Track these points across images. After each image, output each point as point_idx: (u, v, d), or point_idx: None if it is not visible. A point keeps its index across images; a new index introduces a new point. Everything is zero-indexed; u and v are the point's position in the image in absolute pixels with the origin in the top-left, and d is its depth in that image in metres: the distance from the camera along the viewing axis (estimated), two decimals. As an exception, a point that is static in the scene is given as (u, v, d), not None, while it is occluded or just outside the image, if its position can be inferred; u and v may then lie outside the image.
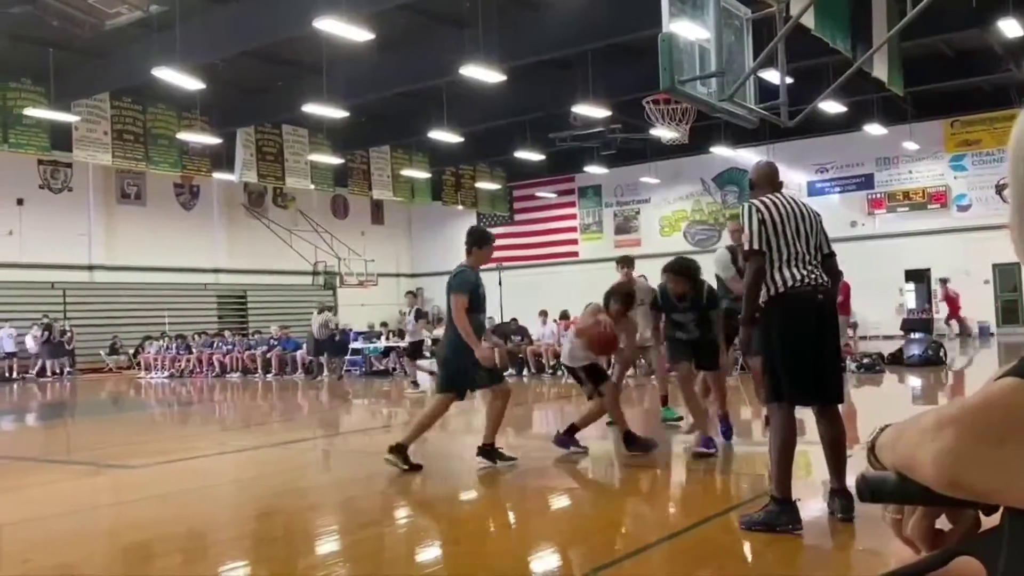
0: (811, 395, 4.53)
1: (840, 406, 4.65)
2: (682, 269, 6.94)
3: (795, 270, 4.49)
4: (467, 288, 6.43)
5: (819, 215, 4.82)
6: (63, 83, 16.86)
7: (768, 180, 4.88)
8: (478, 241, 6.71)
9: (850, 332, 17.62)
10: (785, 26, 7.82)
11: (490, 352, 6.38)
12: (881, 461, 0.85)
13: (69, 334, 22.46)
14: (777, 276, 4.48)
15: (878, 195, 24.99)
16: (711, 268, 7.55)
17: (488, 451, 6.56)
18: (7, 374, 21.34)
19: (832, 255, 4.76)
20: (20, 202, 22.88)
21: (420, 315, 15.91)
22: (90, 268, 24.04)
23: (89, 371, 22.66)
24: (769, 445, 4.54)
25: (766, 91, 9.55)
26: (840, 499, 4.55)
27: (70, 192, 23.98)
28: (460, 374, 6.43)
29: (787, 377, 4.45)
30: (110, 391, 18.49)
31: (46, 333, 21.91)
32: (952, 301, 22.60)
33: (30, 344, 21.93)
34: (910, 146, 23.76)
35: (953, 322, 22.71)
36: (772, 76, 10.60)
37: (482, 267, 6.81)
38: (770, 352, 4.54)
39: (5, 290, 21.86)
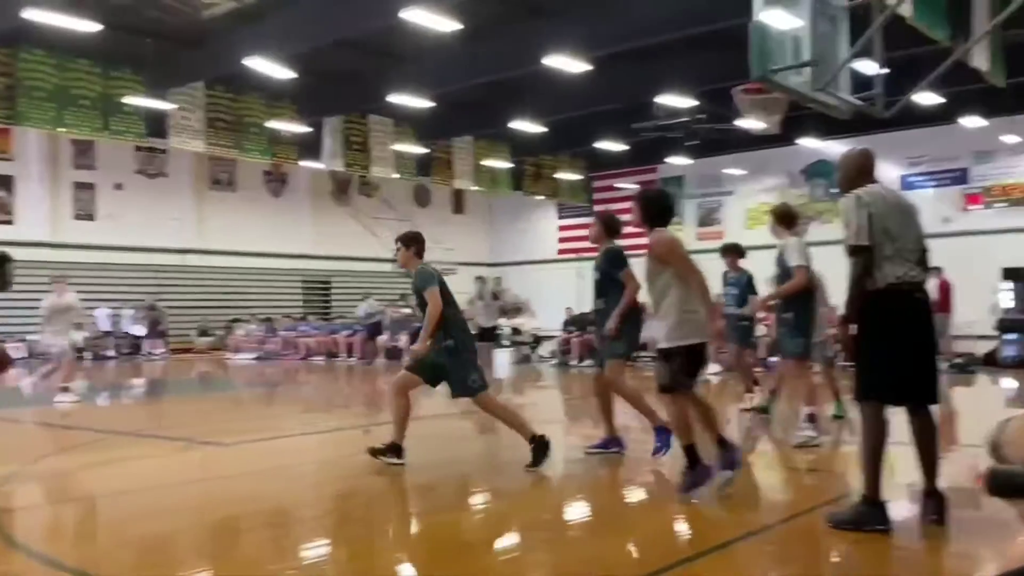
0: (905, 395, 4.40)
1: (934, 407, 4.51)
2: None
3: (897, 267, 4.32)
4: (434, 281, 6.42)
5: (917, 208, 4.63)
6: (160, 72, 17.42)
7: (866, 170, 4.64)
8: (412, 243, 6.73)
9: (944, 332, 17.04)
10: (883, 15, 7.59)
11: (424, 348, 6.35)
12: (1008, 457, 0.83)
13: (159, 315, 23.31)
14: (876, 273, 4.32)
15: (974, 190, 24.05)
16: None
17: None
18: (104, 353, 22.23)
19: (926, 250, 4.57)
20: (118, 187, 23.77)
21: (495, 297, 16.10)
22: (182, 252, 24.84)
23: (179, 351, 23.45)
24: (859, 444, 4.44)
25: (860, 82, 9.31)
26: (932, 501, 4.43)
27: (165, 178, 24.80)
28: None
29: (880, 376, 4.33)
30: (200, 371, 19.11)
31: (152, 313, 22.89)
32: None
33: (131, 325, 22.85)
34: (1010, 139, 22.77)
35: None
36: (865, 66, 10.30)
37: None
38: (864, 350, 4.41)
39: (102, 272, 22.73)
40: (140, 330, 22.81)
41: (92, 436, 8.49)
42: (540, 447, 6.20)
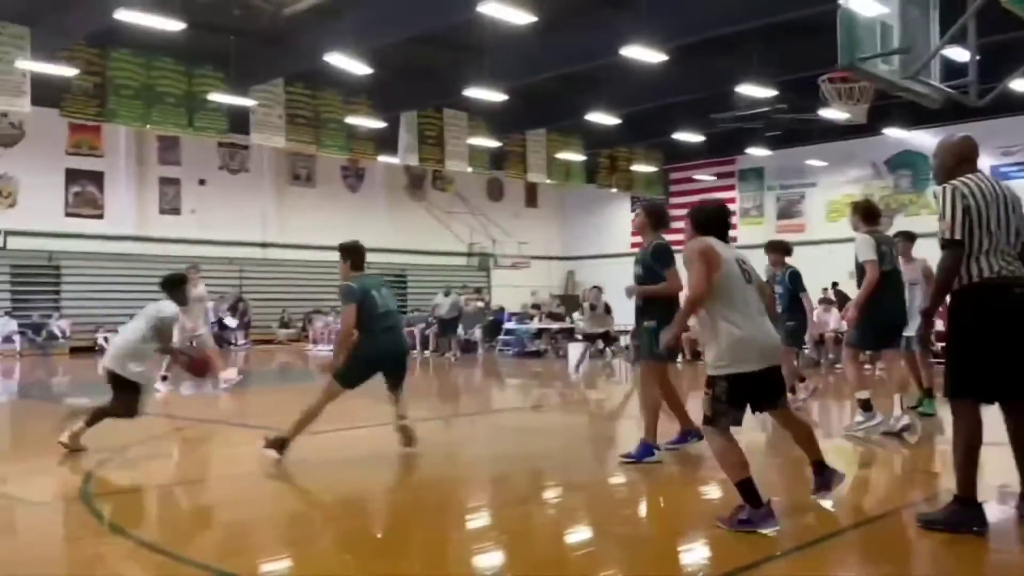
0: (999, 392, 4.20)
1: None
2: None
3: (993, 260, 4.12)
4: (353, 299, 6.41)
5: (1020, 199, 4.34)
6: (241, 69, 17.83)
7: (966, 159, 4.39)
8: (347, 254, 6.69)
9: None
10: (976, 0, 7.29)
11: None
12: None
13: (245, 307, 23.91)
14: (974, 266, 4.13)
15: (1070, 181, 23.06)
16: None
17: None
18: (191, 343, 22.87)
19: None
20: (202, 182, 24.44)
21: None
22: (263, 245, 25.41)
23: (261, 342, 24.00)
24: (953, 443, 4.27)
25: (951, 69, 8.96)
26: None
27: (246, 173, 25.39)
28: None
29: (973, 373, 4.16)
30: (282, 362, 19.51)
31: (240, 305, 23.53)
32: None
33: (224, 316, 23.51)
34: (1110, 127, 21.77)
35: None
36: (957, 54, 9.92)
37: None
38: (956, 346, 4.23)
39: (186, 264, 23.34)
40: (232, 321, 23.47)
41: (186, 424, 8.74)
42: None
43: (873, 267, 6.95)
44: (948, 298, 4.29)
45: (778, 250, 9.62)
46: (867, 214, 7.41)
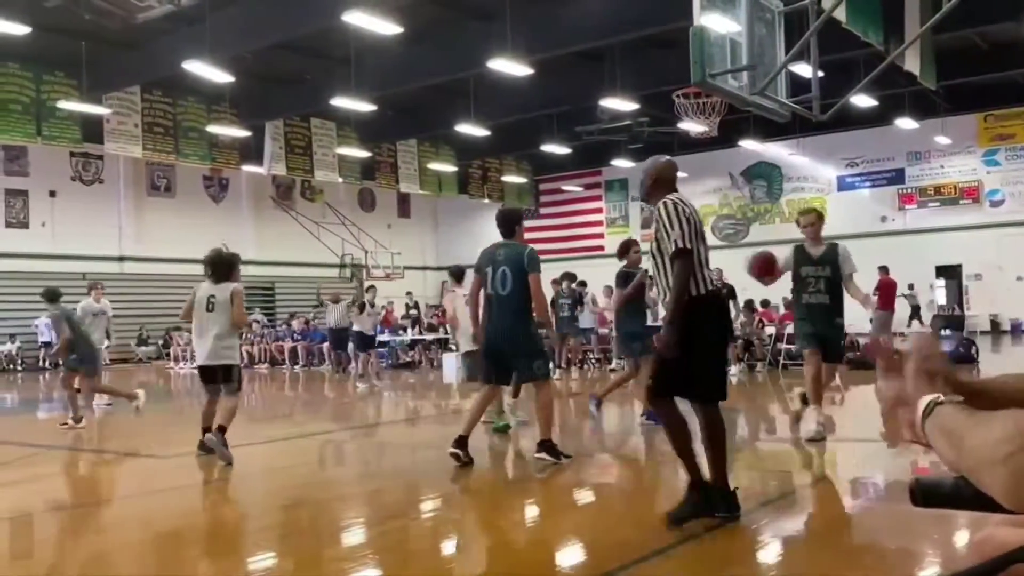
0: (710, 392, 4.58)
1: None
2: None
3: (706, 272, 4.56)
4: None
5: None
6: (95, 76, 17.04)
7: (673, 180, 4.87)
8: None
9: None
10: (817, 20, 7.74)
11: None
12: (930, 442, 0.83)
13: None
14: (700, 277, 4.50)
15: (909, 190, 24.69)
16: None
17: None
18: (42, 363, 21.66)
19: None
20: (52, 194, 23.18)
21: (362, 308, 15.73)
22: (120, 259, 24.30)
23: (118, 361, 22.91)
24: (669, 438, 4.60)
25: (797, 85, 9.47)
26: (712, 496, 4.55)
27: (101, 184, 24.25)
28: None
29: (690, 376, 4.47)
30: (140, 382, 18.66)
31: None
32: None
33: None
34: (942, 140, 23.45)
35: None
36: (803, 70, 10.50)
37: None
38: (692, 352, 4.45)
39: (38, 281, 22.09)
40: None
41: (28, 451, 8.24)
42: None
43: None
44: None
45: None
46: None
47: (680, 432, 4.53)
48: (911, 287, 21.03)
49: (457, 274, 9.85)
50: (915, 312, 21.89)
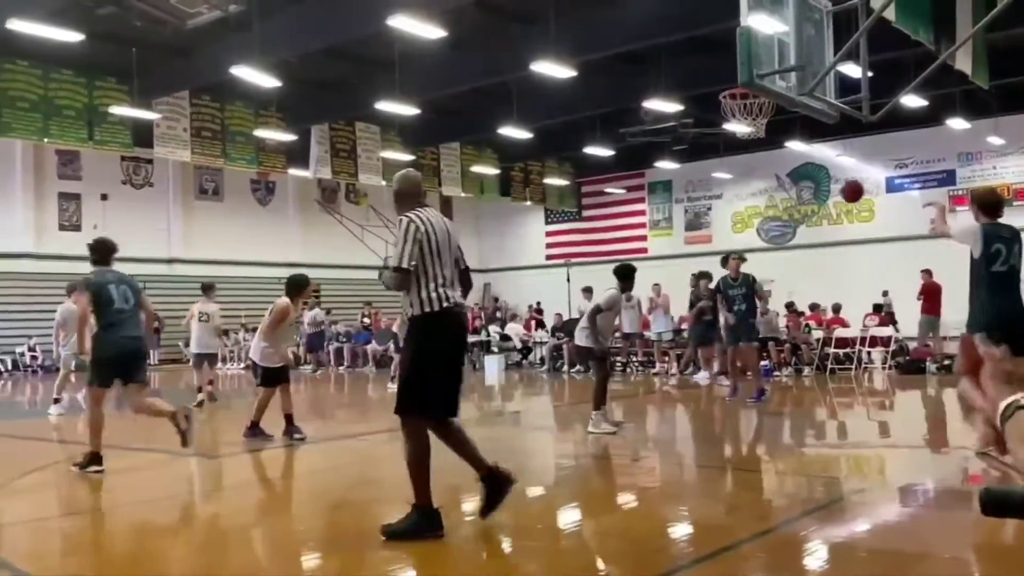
0: (444, 409, 4.64)
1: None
2: None
3: (442, 290, 4.54)
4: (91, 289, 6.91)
5: (456, 231, 4.84)
6: (145, 81, 17.35)
7: (417, 194, 4.89)
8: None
9: (930, 333, 17.08)
10: (868, 20, 7.61)
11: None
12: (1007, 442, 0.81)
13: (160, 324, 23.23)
14: (432, 294, 4.52)
15: (960, 191, 24.16)
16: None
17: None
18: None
19: (467, 269, 4.87)
20: (104, 197, 23.66)
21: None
22: (169, 262, 24.72)
23: (167, 362, 23.31)
24: (406, 456, 4.61)
25: (845, 85, 9.33)
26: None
27: (151, 187, 24.70)
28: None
29: (428, 392, 4.55)
30: (187, 383, 18.94)
31: (155, 323, 22.76)
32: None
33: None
34: (995, 140, 22.93)
35: None
36: (851, 70, 10.32)
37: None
38: (424, 369, 4.57)
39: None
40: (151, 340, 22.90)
41: (80, 449, 8.41)
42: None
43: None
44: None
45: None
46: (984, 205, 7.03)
47: (416, 451, 4.57)
48: (885, 294, 20.16)
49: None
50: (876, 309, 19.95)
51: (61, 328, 12.11)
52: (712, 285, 13.31)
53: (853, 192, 10.69)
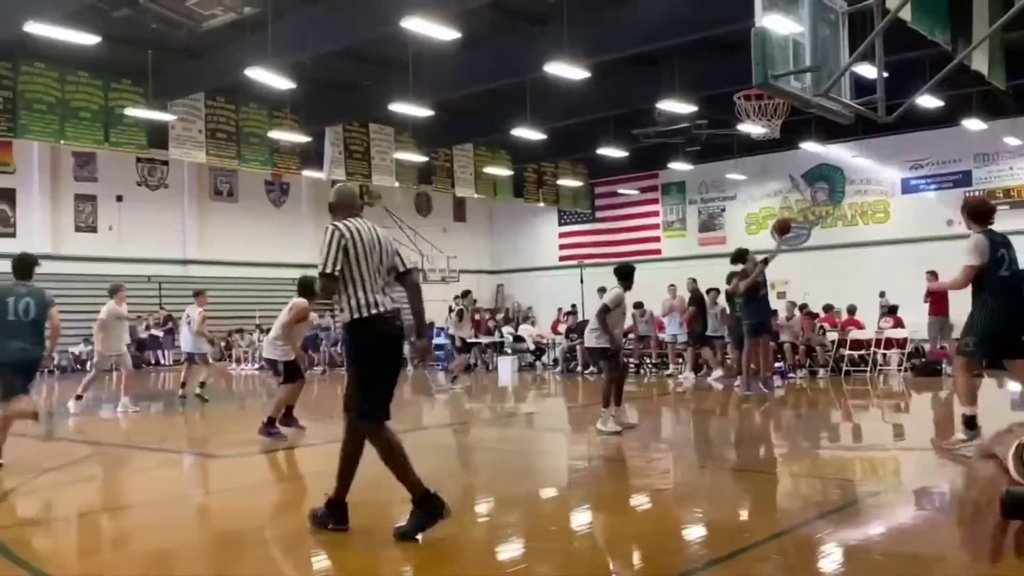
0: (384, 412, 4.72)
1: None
2: None
3: (372, 296, 4.64)
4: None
5: (390, 240, 5.06)
6: (160, 83, 17.44)
7: (351, 204, 5.08)
8: None
9: (939, 334, 16.94)
10: (883, 20, 7.56)
11: None
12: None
13: (174, 325, 23.46)
14: (362, 300, 4.63)
15: (976, 192, 24.01)
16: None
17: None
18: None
19: (409, 271, 5.01)
20: (119, 199, 23.80)
21: (460, 316, 16.77)
22: (184, 263, 24.84)
23: (179, 362, 23.39)
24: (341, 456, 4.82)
25: (861, 85, 9.28)
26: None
27: (166, 189, 24.82)
28: None
29: (368, 396, 4.66)
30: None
31: (168, 323, 23.06)
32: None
33: (152, 334, 23.20)
34: (1012, 141, 22.77)
35: None
36: (867, 70, 10.27)
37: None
38: (352, 372, 4.78)
39: (105, 283, 22.71)
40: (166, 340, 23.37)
41: (92, 450, 8.46)
42: None
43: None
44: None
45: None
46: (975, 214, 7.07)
47: (385, 449, 4.66)
48: (882, 295, 20.01)
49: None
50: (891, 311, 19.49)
51: (101, 329, 12.58)
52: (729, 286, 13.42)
53: (781, 230, 12.84)
